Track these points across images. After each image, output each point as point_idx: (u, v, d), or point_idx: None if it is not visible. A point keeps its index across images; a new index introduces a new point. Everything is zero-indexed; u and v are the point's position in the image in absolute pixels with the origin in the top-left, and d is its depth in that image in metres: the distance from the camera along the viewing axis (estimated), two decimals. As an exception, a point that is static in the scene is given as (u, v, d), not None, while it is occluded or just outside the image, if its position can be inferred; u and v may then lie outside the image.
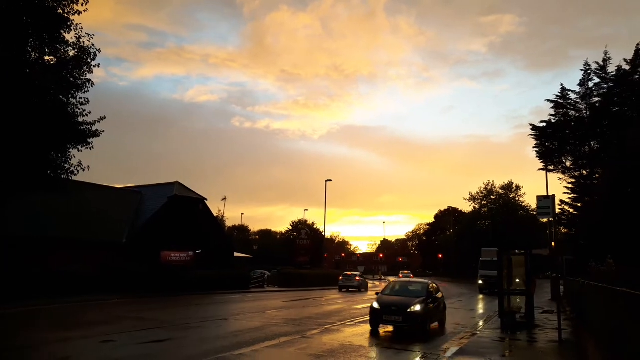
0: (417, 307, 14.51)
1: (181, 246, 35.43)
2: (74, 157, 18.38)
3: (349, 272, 46.25)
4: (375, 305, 15.16)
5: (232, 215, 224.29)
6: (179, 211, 36.42)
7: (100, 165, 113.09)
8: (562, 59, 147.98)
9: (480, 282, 41.58)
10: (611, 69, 33.28)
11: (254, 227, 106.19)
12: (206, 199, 40.24)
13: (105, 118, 18.71)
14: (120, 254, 30.90)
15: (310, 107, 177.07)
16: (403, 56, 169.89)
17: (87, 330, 13.67)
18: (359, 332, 15.09)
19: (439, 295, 17.15)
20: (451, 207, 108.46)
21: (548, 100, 36.76)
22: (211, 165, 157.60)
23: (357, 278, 42.99)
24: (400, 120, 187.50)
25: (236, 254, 47.55)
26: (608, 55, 33.54)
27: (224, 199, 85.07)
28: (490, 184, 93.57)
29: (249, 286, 38.20)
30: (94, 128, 18.34)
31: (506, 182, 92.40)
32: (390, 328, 15.83)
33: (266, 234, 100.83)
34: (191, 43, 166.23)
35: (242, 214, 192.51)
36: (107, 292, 26.00)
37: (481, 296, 37.06)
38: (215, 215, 52.83)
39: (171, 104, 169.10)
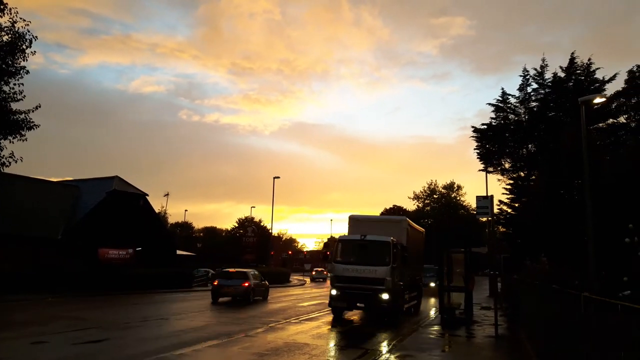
0: None
1: (120, 243, 34.25)
2: (5, 147, 17.38)
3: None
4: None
5: (176, 211, 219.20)
6: (118, 207, 35.17)
7: (36, 156, 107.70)
8: (505, 64, 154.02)
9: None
10: (548, 75, 34.95)
11: (199, 224, 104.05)
12: (147, 195, 39.10)
13: (40, 107, 17.79)
14: (56, 251, 29.51)
15: (261, 102, 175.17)
16: (356, 54, 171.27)
17: (17, 331, 12.94)
18: (304, 329, 15.09)
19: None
20: (396, 206, 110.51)
21: (489, 104, 38.09)
22: (155, 159, 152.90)
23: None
24: (351, 118, 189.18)
25: (179, 252, 46.52)
26: (545, 62, 35.16)
27: (167, 194, 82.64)
28: (433, 184, 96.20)
29: (192, 285, 37.44)
30: (28, 117, 17.41)
31: (448, 182, 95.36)
32: (339, 327, 16.04)
33: (211, 231, 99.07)
34: (138, 31, 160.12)
35: (186, 210, 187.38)
36: (41, 291, 24.74)
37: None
38: (157, 211, 51.40)
39: (115, 94, 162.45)
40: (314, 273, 65.54)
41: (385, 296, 16.34)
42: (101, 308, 20.16)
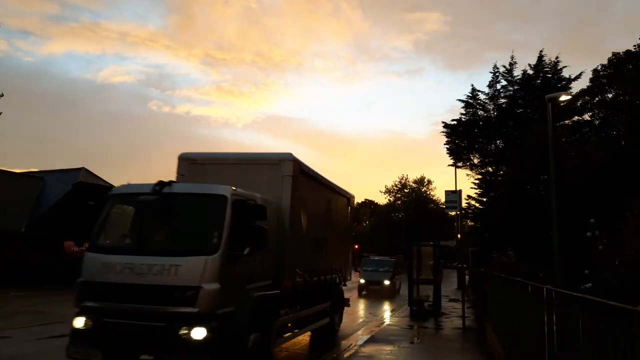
0: None
1: (87, 237, 33.46)
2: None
3: None
4: None
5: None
6: (84, 199, 34.35)
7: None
8: (477, 61, 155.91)
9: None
10: (517, 72, 35.65)
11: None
12: (114, 187, 38.30)
13: (3, 95, 17.20)
14: (19, 244, 28.66)
15: (234, 94, 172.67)
16: (332, 47, 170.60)
17: (-24, 327, 12.54)
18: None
19: None
20: (368, 199, 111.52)
21: (460, 100, 38.70)
22: (124, 151, 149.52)
23: None
24: (324, 112, 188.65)
25: (148, 245, 45.78)
26: (514, 60, 35.88)
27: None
28: (404, 178, 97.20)
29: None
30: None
31: (419, 177, 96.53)
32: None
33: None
34: (108, 19, 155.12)
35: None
36: (4, 286, 24.01)
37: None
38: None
39: (83, 83, 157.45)
40: None
41: (198, 333, 6.67)
42: (66, 302, 19.65)
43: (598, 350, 3.52)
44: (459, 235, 25.19)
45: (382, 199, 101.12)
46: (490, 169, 37.19)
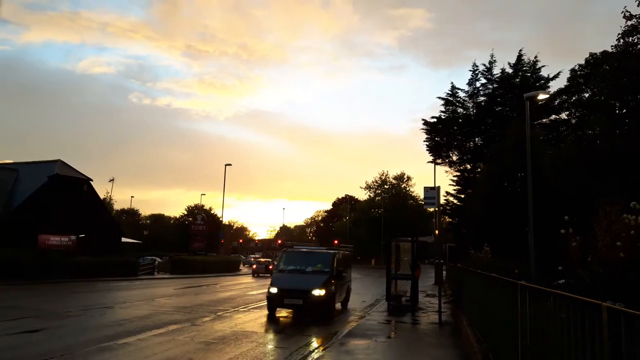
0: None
1: (62, 230, 32.85)
2: None
3: None
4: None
5: (122, 197, 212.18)
6: (60, 192, 33.75)
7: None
8: (458, 59, 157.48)
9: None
10: (497, 71, 36.07)
11: (146, 211, 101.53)
12: (92, 180, 37.75)
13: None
14: (-9, 236, 28.02)
15: (216, 87, 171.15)
16: (316, 42, 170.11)
17: (-55, 322, 12.23)
18: (252, 318, 15.04)
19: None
20: (348, 195, 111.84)
21: (439, 98, 39.01)
22: (102, 144, 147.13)
23: None
24: (307, 107, 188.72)
25: (124, 239, 45.26)
26: (494, 58, 36.33)
27: (112, 180, 79.59)
28: (384, 174, 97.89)
29: (137, 273, 36.48)
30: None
31: (399, 173, 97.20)
32: (284, 313, 16.04)
33: (158, 218, 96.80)
34: (88, 8, 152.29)
35: (132, 197, 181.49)
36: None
37: (371, 280, 38.61)
38: (102, 197, 49.72)
39: (61, 74, 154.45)
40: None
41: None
42: (40, 296, 19.35)
43: (569, 343, 3.59)
44: (437, 232, 25.42)
45: (363, 195, 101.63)
46: (468, 166, 37.65)
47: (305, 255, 17.70)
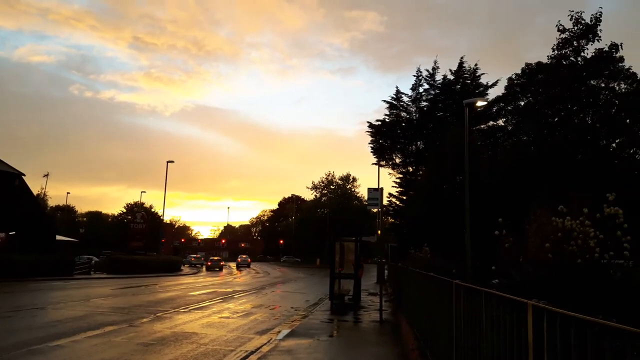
0: None
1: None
2: None
3: None
4: None
5: (58, 193, 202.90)
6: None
7: None
8: (406, 64, 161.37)
9: None
10: (439, 77, 37.19)
11: (83, 209, 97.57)
12: (24, 175, 35.87)
13: None
14: None
15: (163, 81, 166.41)
16: (269, 39, 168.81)
17: None
18: (193, 318, 14.79)
19: None
20: (295, 195, 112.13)
21: (384, 101, 39.81)
22: (38, 137, 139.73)
23: None
24: (256, 105, 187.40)
25: (59, 237, 43.26)
26: (437, 65, 37.44)
27: (46, 175, 75.84)
28: (330, 175, 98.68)
29: (72, 272, 34.99)
30: None
31: (345, 174, 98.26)
32: (226, 313, 15.89)
33: (96, 216, 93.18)
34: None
35: (68, 193, 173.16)
36: None
37: (315, 279, 38.86)
38: (36, 193, 47.30)
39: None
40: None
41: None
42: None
43: (499, 338, 3.81)
44: (379, 232, 25.91)
45: (309, 195, 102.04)
46: (410, 168, 38.59)
47: None
